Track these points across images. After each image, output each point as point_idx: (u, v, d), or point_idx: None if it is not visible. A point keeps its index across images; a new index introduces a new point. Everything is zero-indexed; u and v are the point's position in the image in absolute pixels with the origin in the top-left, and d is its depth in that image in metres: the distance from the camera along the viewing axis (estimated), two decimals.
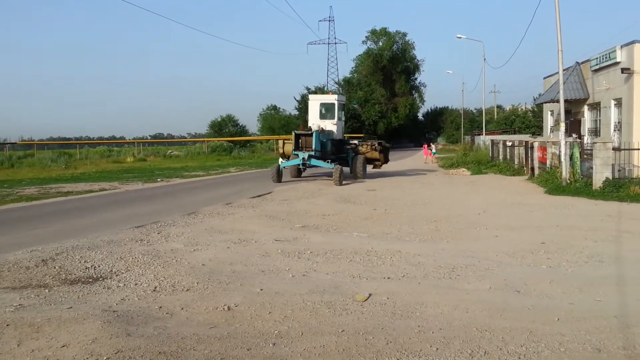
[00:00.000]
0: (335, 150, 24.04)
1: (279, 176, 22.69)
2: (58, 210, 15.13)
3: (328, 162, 22.91)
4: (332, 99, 25.22)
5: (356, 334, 5.17)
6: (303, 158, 22.35)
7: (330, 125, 24.10)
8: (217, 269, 7.77)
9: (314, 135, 22.17)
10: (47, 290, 6.79)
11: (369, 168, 26.14)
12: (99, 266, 7.93)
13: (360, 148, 25.38)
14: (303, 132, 23.01)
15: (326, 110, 24.48)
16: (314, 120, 24.28)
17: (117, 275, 7.49)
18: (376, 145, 25.61)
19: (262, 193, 18.32)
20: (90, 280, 7.32)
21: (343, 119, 26.60)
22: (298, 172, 24.48)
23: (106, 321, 5.42)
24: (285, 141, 26.55)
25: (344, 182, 21.74)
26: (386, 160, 26.41)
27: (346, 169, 23.71)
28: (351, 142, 26.36)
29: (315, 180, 23.99)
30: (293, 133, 23.12)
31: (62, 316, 5.59)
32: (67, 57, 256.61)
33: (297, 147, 22.49)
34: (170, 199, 17.81)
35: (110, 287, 6.95)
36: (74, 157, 48.76)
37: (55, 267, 7.78)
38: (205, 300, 6.33)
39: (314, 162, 22.49)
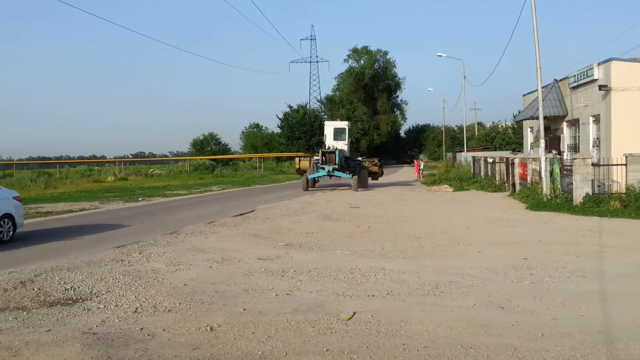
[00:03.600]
0: (346, 165, 29.05)
1: (307, 185, 28.30)
2: (36, 230, 14.87)
3: (347, 173, 28.44)
4: (344, 124, 30.82)
5: (341, 353, 5.12)
6: (328, 170, 27.79)
7: (343, 145, 29.32)
8: (200, 288, 7.68)
9: (337, 152, 27.62)
10: (25, 313, 6.64)
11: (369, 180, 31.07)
12: (78, 287, 7.79)
13: (364, 163, 31.05)
14: (328, 150, 28.07)
15: (338, 134, 29.81)
16: (329, 142, 29.36)
17: (97, 297, 7.37)
18: (376, 161, 31.71)
19: (245, 211, 18.24)
20: (69, 302, 7.18)
21: (351, 140, 31.98)
22: (313, 183, 30.01)
23: (86, 344, 5.31)
24: (301, 158, 32.57)
25: (331, 190, 25.88)
26: (382, 174, 32.27)
27: (347, 181, 29.22)
28: (356, 158, 31.61)
29: (324, 191, 28.37)
30: (320, 151, 28.29)
31: (41, 339, 5.46)
32: (46, 75, 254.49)
33: (323, 162, 27.75)
34: (151, 218, 17.64)
35: (90, 309, 6.83)
36: (54, 177, 48.22)
37: (33, 289, 7.62)
38: (187, 320, 6.24)
39: (336, 173, 28.04)
